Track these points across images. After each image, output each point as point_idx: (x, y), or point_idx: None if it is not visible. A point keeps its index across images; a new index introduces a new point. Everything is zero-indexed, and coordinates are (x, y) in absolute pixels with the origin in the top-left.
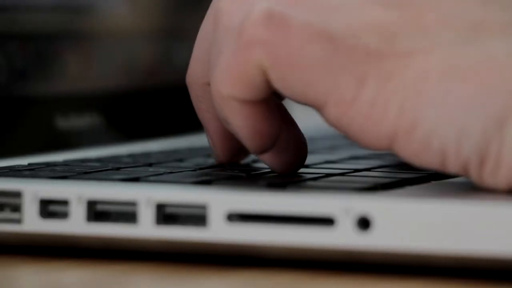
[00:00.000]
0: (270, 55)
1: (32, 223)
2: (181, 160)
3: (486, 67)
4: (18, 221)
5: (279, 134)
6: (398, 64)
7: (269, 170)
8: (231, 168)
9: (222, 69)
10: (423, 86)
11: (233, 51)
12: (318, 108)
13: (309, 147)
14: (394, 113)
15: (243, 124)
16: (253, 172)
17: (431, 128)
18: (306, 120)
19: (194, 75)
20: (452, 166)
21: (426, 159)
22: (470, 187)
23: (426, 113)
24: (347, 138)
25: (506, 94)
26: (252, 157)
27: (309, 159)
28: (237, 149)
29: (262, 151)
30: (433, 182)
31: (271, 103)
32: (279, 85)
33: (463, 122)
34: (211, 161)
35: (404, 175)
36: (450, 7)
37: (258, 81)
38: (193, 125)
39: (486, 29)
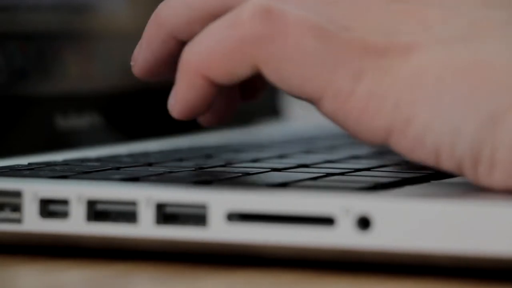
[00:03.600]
0: (265, 51)
1: (32, 223)
2: (181, 160)
3: (482, 66)
4: (18, 221)
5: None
6: (396, 59)
7: (269, 170)
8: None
9: (208, 49)
10: (419, 82)
11: (225, 39)
12: (315, 101)
13: (309, 147)
14: (390, 107)
15: (189, 97)
16: (253, 172)
17: (426, 124)
18: (306, 120)
19: (175, 26)
20: (446, 164)
21: (420, 155)
22: (470, 187)
23: (421, 110)
24: (344, 131)
25: (500, 93)
26: (251, 157)
27: (309, 159)
28: (158, 73)
29: (181, 119)
30: (433, 182)
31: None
32: (275, 79)
33: (457, 121)
34: (211, 161)
35: (404, 175)
36: (453, 4)
37: (242, 73)
38: (193, 125)
39: (485, 28)
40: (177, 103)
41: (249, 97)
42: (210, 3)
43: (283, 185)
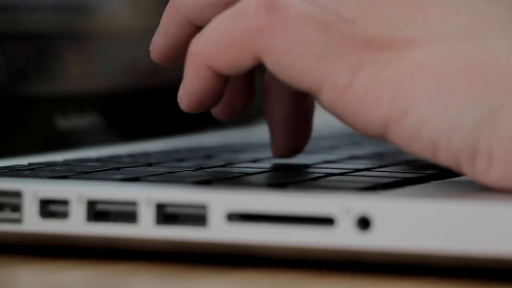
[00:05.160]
0: (265, 41)
1: (32, 223)
2: (181, 160)
3: (482, 62)
4: (18, 221)
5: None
6: (396, 53)
7: (269, 170)
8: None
9: (213, 40)
10: (418, 76)
11: (228, 30)
12: (314, 93)
13: (309, 147)
14: (388, 100)
15: (196, 89)
16: (253, 172)
17: (423, 118)
18: None
19: (190, 10)
20: (443, 158)
21: (418, 148)
22: (470, 187)
23: (418, 103)
24: (343, 123)
25: (499, 88)
26: (251, 157)
27: (309, 159)
28: (175, 58)
29: (189, 111)
30: (433, 182)
31: (229, 80)
32: (275, 70)
33: (455, 115)
34: (211, 161)
35: (404, 175)
36: (456, 3)
37: (245, 64)
38: (193, 125)
39: (486, 25)
40: (185, 95)
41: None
42: None
43: (283, 185)
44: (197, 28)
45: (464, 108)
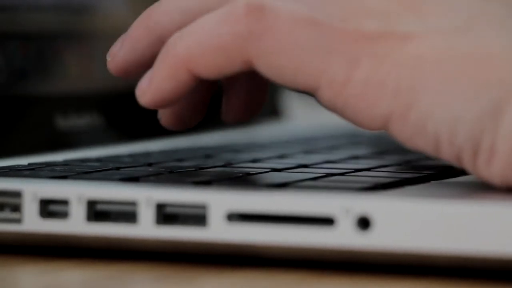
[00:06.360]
0: (257, 46)
1: (32, 223)
2: (181, 160)
3: (482, 56)
4: (18, 221)
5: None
6: (394, 46)
7: (269, 170)
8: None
9: (199, 43)
10: (419, 69)
11: (216, 35)
12: (312, 91)
13: (309, 147)
14: (390, 94)
15: (166, 88)
16: (253, 172)
17: (426, 111)
18: (306, 120)
19: (167, 30)
20: (446, 153)
21: (420, 143)
22: (470, 187)
23: (422, 96)
24: (343, 119)
25: (501, 84)
26: (251, 157)
27: (309, 159)
28: (135, 73)
29: (149, 107)
30: (433, 182)
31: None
32: (269, 73)
33: (458, 109)
34: (211, 161)
35: (404, 175)
36: (449, 1)
37: (232, 69)
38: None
39: (483, 22)
40: (151, 91)
41: (255, 112)
42: (205, 7)
43: (283, 185)
44: None
45: (467, 103)
